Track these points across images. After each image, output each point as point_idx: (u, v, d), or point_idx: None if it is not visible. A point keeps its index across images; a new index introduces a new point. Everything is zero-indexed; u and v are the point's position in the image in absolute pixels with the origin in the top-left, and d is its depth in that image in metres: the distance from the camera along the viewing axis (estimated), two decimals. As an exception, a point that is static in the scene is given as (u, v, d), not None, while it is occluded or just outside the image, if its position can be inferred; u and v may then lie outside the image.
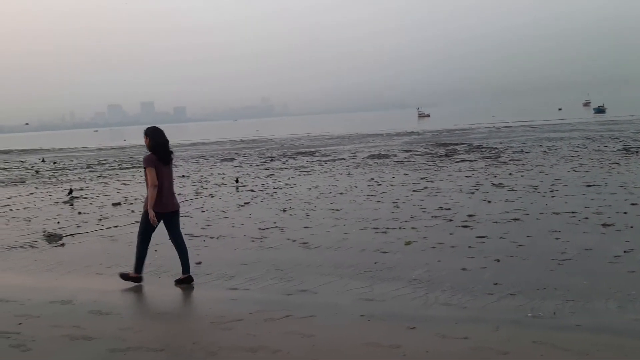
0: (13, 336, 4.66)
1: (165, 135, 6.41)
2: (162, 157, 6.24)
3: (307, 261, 6.96)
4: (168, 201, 6.33)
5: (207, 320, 4.88)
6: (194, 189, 15.51)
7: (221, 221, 10.17)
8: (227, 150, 36.31)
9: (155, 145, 6.25)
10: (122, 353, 4.20)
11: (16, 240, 9.33)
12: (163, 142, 6.30)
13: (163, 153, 6.26)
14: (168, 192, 6.32)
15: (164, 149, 6.29)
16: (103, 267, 7.26)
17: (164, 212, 6.31)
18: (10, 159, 40.82)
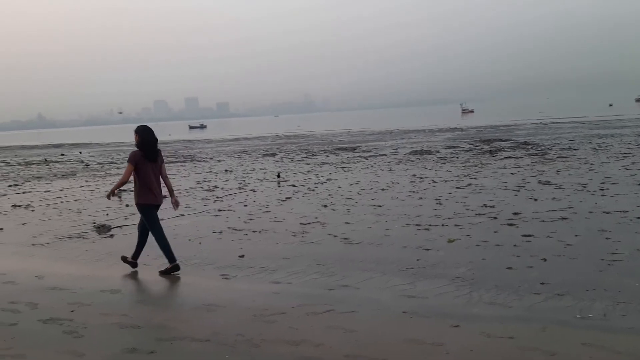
0: (66, 323, 4.85)
1: (154, 134, 6.77)
2: (148, 154, 6.61)
3: (348, 257, 6.96)
4: (157, 193, 6.73)
5: (250, 312, 4.95)
6: (237, 183, 15.73)
7: (263, 215, 10.28)
8: (268, 145, 36.65)
9: (143, 143, 6.62)
10: (169, 342, 4.31)
11: (68, 231, 9.69)
12: (151, 140, 6.66)
13: (149, 150, 6.62)
14: (156, 185, 6.68)
15: (151, 147, 6.64)
16: (149, 258, 7.44)
17: (156, 203, 6.77)
18: (62, 152, 42.38)
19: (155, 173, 6.70)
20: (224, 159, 26.36)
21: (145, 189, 6.60)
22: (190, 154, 31.85)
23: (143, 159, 6.58)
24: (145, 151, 6.60)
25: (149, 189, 6.60)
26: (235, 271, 6.58)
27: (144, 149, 6.61)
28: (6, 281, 6.36)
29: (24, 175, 22.39)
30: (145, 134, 6.70)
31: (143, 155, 6.59)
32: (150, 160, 6.62)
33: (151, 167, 6.63)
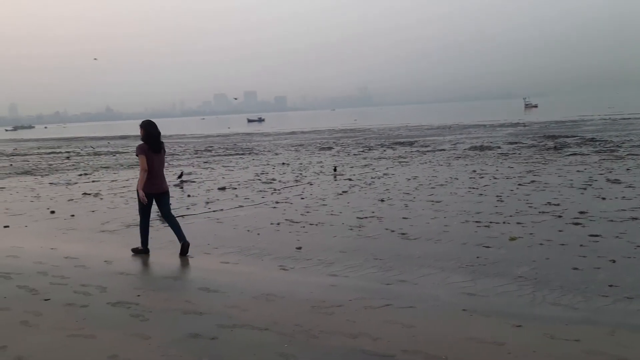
0: (133, 306, 5.06)
1: (157, 128, 7.35)
2: (153, 146, 7.16)
3: (406, 252, 6.90)
4: (158, 183, 7.26)
5: (308, 304, 5.00)
6: (294, 176, 15.89)
7: (320, 208, 10.35)
8: (325, 139, 36.77)
9: (147, 136, 7.19)
10: (229, 329, 4.42)
11: (134, 219, 10.06)
12: (155, 133, 7.23)
13: (153, 143, 7.17)
14: (158, 175, 7.25)
15: (155, 140, 7.20)
16: (210, 247, 7.66)
17: (153, 192, 7.24)
18: (128, 143, 44.13)
19: (159, 164, 7.26)
20: (281, 152, 26.68)
21: (151, 180, 7.15)
22: (248, 146, 32.43)
23: (149, 151, 7.15)
24: (150, 143, 7.16)
25: (152, 179, 7.15)
26: (292, 263, 6.67)
27: (149, 141, 7.18)
28: (78, 265, 6.70)
29: (93, 165, 23.49)
30: (150, 127, 7.26)
31: (149, 148, 7.16)
32: (154, 152, 7.18)
33: (156, 158, 7.19)
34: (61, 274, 6.30)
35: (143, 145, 7.19)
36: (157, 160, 7.21)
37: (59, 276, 6.19)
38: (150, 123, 7.39)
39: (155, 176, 7.20)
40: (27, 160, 28.60)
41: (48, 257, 7.20)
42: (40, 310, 5.01)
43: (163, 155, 7.36)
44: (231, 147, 33.02)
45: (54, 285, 5.84)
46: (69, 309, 5.06)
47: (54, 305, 5.17)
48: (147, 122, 7.43)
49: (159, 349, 4.07)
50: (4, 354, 4.05)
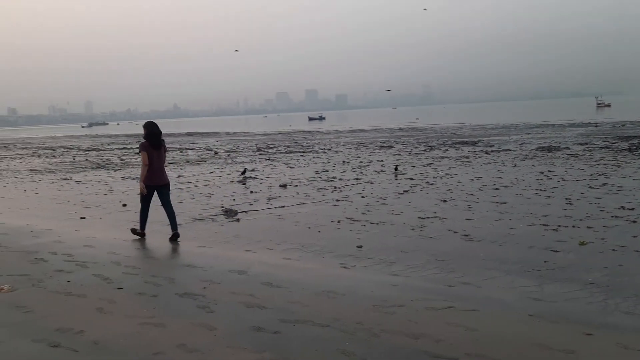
0: (199, 298, 5.25)
1: (158, 127, 8.27)
2: (153, 143, 8.07)
3: (469, 253, 6.77)
4: (157, 176, 8.15)
5: (369, 302, 5.01)
6: (354, 174, 15.89)
7: (380, 207, 10.31)
8: (385, 137, 36.52)
9: (149, 134, 8.10)
10: (292, 324, 4.49)
11: (199, 213, 10.43)
12: (155, 132, 8.13)
13: (154, 140, 8.09)
14: (158, 169, 8.14)
15: (155, 138, 8.11)
16: (273, 243, 7.80)
17: (154, 184, 8.17)
18: (194, 140, 45.53)
19: (158, 159, 8.15)
20: (341, 150, 26.74)
21: (151, 173, 8.08)
22: (309, 144, 32.69)
23: (150, 147, 8.05)
24: (150, 141, 8.07)
25: (152, 172, 8.08)
26: (353, 261, 6.69)
27: (149, 139, 8.09)
28: (148, 256, 7.04)
29: (161, 161, 24.36)
30: (152, 127, 8.21)
31: (149, 145, 8.06)
32: (155, 149, 8.09)
33: (156, 154, 8.09)
34: (132, 264, 6.61)
35: (145, 142, 8.10)
36: (157, 156, 8.10)
37: (131, 266, 6.50)
38: (152, 124, 8.33)
39: (156, 170, 8.12)
40: (101, 156, 30.10)
41: (121, 248, 7.57)
42: (114, 298, 5.29)
43: (163, 151, 8.24)
44: (292, 144, 33.40)
45: (126, 275, 6.14)
46: (140, 298, 5.31)
47: (127, 294, 5.43)
48: (149, 122, 8.39)
49: (224, 340, 4.20)
50: (81, 338, 4.30)
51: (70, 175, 19.08)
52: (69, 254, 7.19)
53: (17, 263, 6.76)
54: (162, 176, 8.26)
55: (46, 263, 6.75)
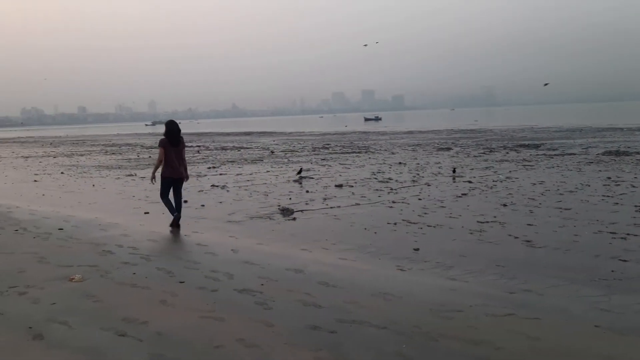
0: (257, 295, 5.34)
1: (177, 125, 9.06)
2: (172, 140, 8.87)
3: (531, 260, 6.57)
4: (175, 170, 8.93)
5: (426, 306, 4.95)
6: (410, 176, 15.72)
7: (438, 210, 10.16)
8: (443, 139, 35.92)
9: (168, 132, 8.89)
10: (348, 325, 4.51)
11: (257, 211, 10.61)
12: (174, 129, 8.91)
13: (172, 138, 8.87)
14: (176, 164, 8.91)
15: (174, 135, 8.88)
16: (329, 243, 7.84)
17: (172, 177, 8.95)
18: (252, 139, 46.35)
19: (176, 155, 8.93)
20: (397, 151, 26.52)
21: (167, 166, 8.90)
22: (364, 145, 32.61)
23: (168, 144, 8.85)
24: (169, 138, 8.86)
25: (170, 167, 8.89)
26: (410, 263, 6.63)
27: (169, 137, 8.88)
28: (208, 252, 7.20)
29: (220, 159, 25.01)
30: (171, 125, 9.00)
31: (168, 142, 8.85)
32: (173, 145, 8.88)
33: (174, 151, 8.89)
34: (194, 259, 6.81)
35: (164, 139, 8.91)
36: (174, 152, 8.90)
37: (192, 261, 6.70)
38: (172, 122, 9.13)
39: (173, 164, 8.91)
40: (163, 153, 31.09)
41: (182, 242, 7.83)
42: (176, 291, 5.47)
43: (182, 148, 9.02)
44: (348, 145, 33.41)
45: (188, 270, 6.33)
46: (201, 292, 5.47)
47: (188, 288, 5.60)
48: (170, 121, 9.17)
49: (282, 336, 4.27)
50: (145, 328, 4.48)
51: (135, 172, 19.86)
52: (134, 247, 7.49)
53: (86, 254, 7.10)
54: (179, 170, 9.00)
55: (113, 255, 7.06)
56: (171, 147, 8.88)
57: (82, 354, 3.98)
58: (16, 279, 5.95)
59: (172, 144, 8.89)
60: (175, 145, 8.91)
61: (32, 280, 5.87)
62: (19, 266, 6.48)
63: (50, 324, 4.58)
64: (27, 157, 31.02)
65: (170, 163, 8.89)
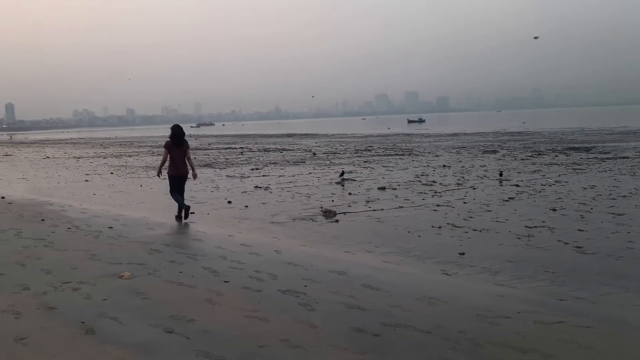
0: (301, 296, 5.35)
1: (181, 129, 10.04)
2: (175, 142, 9.81)
3: (582, 267, 6.36)
4: (179, 168, 9.86)
5: (472, 311, 4.85)
6: (455, 179, 15.48)
7: (484, 214, 9.96)
8: (489, 141, 35.21)
9: (173, 135, 9.84)
10: (392, 328, 4.46)
11: (299, 213, 10.67)
12: (177, 133, 9.86)
13: (176, 140, 9.81)
14: (179, 163, 9.86)
15: (177, 137, 9.82)
16: (372, 245, 7.80)
17: (176, 175, 9.88)
18: (294, 141, 46.66)
19: (179, 155, 9.87)
20: (441, 154, 26.17)
21: (172, 165, 9.87)
22: (408, 147, 32.32)
23: (173, 145, 9.81)
24: (173, 140, 9.81)
25: (174, 165, 9.85)
26: (455, 268, 6.52)
27: (173, 139, 9.82)
28: (252, 252, 7.27)
29: (263, 160, 25.29)
30: (176, 129, 9.99)
31: (172, 143, 9.81)
32: (177, 147, 9.82)
33: (177, 152, 9.83)
34: (238, 259, 6.89)
35: (169, 141, 9.86)
36: (178, 153, 9.84)
37: (236, 261, 6.78)
38: (177, 126, 10.14)
39: (176, 164, 9.85)
40: (208, 154, 31.74)
41: (226, 242, 7.92)
42: (221, 291, 5.54)
43: (184, 148, 9.90)
44: (391, 147, 33.19)
45: (232, 269, 6.40)
46: (245, 292, 5.52)
47: (233, 287, 5.67)
48: (175, 125, 10.22)
49: (325, 338, 4.26)
50: (193, 326, 4.55)
51: (181, 173, 20.28)
52: (180, 247, 7.65)
53: (135, 252, 7.29)
54: (182, 168, 9.93)
55: (160, 254, 7.22)
56: (175, 148, 9.84)
57: (132, 349, 4.08)
58: (69, 275, 6.17)
59: (176, 145, 9.84)
60: (178, 147, 9.86)
61: (84, 277, 6.07)
62: (72, 263, 6.71)
63: (102, 319, 4.72)
64: (79, 158, 32.17)
65: (174, 163, 9.87)
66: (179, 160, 9.88)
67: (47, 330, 4.48)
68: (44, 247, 7.63)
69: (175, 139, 9.84)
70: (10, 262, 6.78)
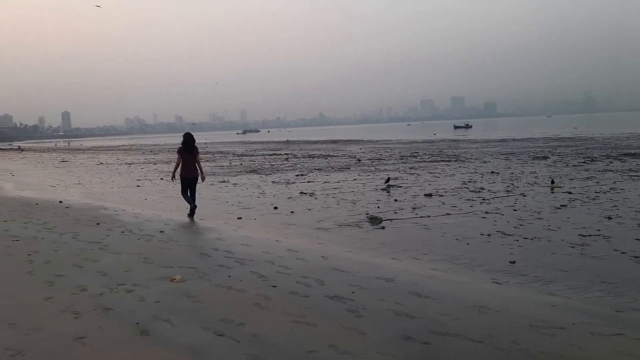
0: (349, 302, 5.35)
1: (192, 137, 11.41)
2: (187, 148, 11.17)
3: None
4: (190, 171, 11.18)
5: (525, 321, 4.73)
6: (504, 186, 15.14)
7: (535, 222, 9.70)
8: (539, 147, 34.29)
9: (184, 142, 11.19)
10: (442, 337, 4.40)
11: (345, 219, 10.67)
12: (188, 140, 11.21)
13: (187, 146, 11.16)
14: (190, 166, 11.18)
15: (188, 144, 11.17)
16: (419, 253, 7.72)
17: (187, 176, 11.19)
18: (338, 147, 46.74)
19: (191, 160, 11.20)
20: (489, 160, 25.66)
21: (184, 168, 11.18)
22: (454, 153, 31.84)
23: (184, 151, 11.16)
24: (185, 147, 11.14)
25: (186, 168, 11.17)
26: (506, 277, 6.38)
27: (184, 145, 11.16)
28: (299, 258, 7.33)
29: (308, 167, 25.43)
30: (186, 137, 11.31)
31: (184, 149, 11.15)
32: (188, 152, 11.16)
33: (188, 156, 11.18)
34: (285, 264, 6.96)
35: (180, 147, 11.22)
36: (189, 157, 11.17)
37: (283, 266, 6.84)
38: (188, 134, 11.44)
39: (187, 167, 11.16)
40: (254, 161, 32.20)
41: (273, 248, 8.01)
42: (269, 295, 5.60)
43: (195, 153, 11.23)
44: (437, 153, 32.79)
45: (279, 274, 6.47)
46: (293, 297, 5.57)
47: (280, 292, 5.72)
48: (186, 133, 11.49)
49: (374, 345, 4.25)
50: (242, 329, 4.63)
51: (228, 178, 20.68)
52: (228, 251, 7.78)
53: (185, 256, 7.48)
54: (193, 171, 11.21)
55: (210, 258, 7.37)
56: (186, 154, 11.18)
57: (185, 351, 4.18)
58: (124, 277, 6.38)
59: (187, 150, 11.18)
60: (189, 152, 11.20)
61: (138, 279, 6.26)
62: (126, 265, 6.95)
63: (155, 321, 4.86)
64: (130, 164, 33.23)
65: (186, 166, 11.19)
66: (190, 163, 11.19)
67: (104, 330, 4.65)
68: (100, 250, 7.93)
69: (186, 145, 11.16)
70: (68, 264, 7.08)
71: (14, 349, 4.26)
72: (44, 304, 5.41)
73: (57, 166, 33.77)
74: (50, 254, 7.68)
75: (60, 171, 28.71)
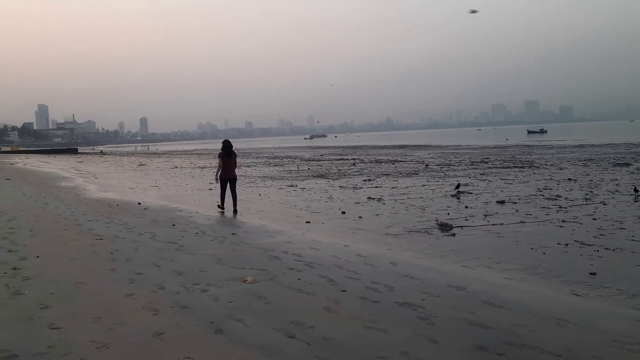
0: (419, 309, 5.29)
1: (230, 143, 13.16)
2: (226, 152, 12.85)
3: None
4: (229, 173, 12.92)
5: (607, 336, 4.49)
6: (582, 194, 14.45)
7: (617, 232, 9.20)
8: (620, 153, 32.46)
9: (223, 147, 12.87)
10: (517, 349, 4.25)
11: (414, 225, 10.54)
12: (227, 146, 12.92)
13: (226, 151, 12.85)
14: (229, 169, 12.91)
15: (227, 149, 12.86)
16: (492, 261, 7.51)
17: (226, 178, 12.91)
18: (405, 153, 46.26)
19: (229, 163, 12.89)
20: (566, 166, 24.57)
21: (224, 170, 12.86)
22: (528, 159, 30.73)
23: (224, 155, 12.82)
24: (224, 151, 12.81)
25: (226, 170, 12.87)
26: (586, 289, 6.09)
27: (223, 150, 12.82)
28: (367, 263, 7.31)
29: (375, 172, 25.34)
30: (225, 143, 12.99)
31: (224, 154, 12.81)
32: (227, 156, 12.83)
33: (228, 160, 12.85)
34: (354, 269, 6.97)
35: (221, 152, 12.88)
36: (228, 161, 12.83)
37: (352, 271, 6.85)
38: (226, 141, 13.09)
39: (227, 169, 12.85)
40: (321, 165, 32.47)
41: (342, 252, 8.04)
42: (339, 299, 5.63)
43: (233, 157, 13.01)
44: (509, 159, 31.76)
45: (348, 279, 6.48)
46: (362, 302, 5.56)
47: (350, 297, 5.74)
48: (225, 140, 13.13)
49: (446, 354, 4.17)
50: (313, 333, 4.67)
51: (296, 183, 20.95)
52: (298, 254, 7.88)
53: (256, 258, 7.65)
54: (231, 173, 12.94)
55: (280, 261, 7.50)
56: (226, 158, 12.83)
57: (257, 351, 4.28)
58: (198, 277, 6.62)
59: (226, 155, 12.84)
60: (228, 156, 12.87)
61: (212, 279, 6.47)
62: (200, 266, 7.20)
63: (229, 321, 5.00)
64: (203, 168, 34.38)
65: (226, 168, 12.86)
66: (228, 166, 12.89)
67: (181, 327, 4.84)
68: (176, 250, 8.26)
69: (225, 150, 12.84)
70: (147, 262, 7.43)
71: (100, 342, 4.51)
72: (126, 300, 5.70)
73: (135, 169, 35.49)
74: (130, 253, 8.09)
75: (138, 174, 30.14)
